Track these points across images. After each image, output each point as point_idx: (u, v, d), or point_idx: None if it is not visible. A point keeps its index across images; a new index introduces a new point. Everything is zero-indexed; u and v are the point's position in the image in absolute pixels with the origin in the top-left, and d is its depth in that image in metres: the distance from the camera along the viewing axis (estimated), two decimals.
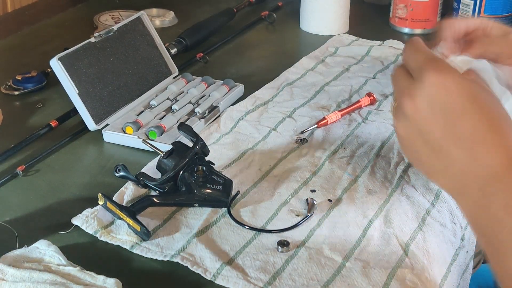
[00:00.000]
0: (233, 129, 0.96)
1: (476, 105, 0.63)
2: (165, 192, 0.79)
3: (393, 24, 1.33)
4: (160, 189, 0.79)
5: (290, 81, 1.09)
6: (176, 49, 1.17)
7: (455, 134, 0.64)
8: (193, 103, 1.00)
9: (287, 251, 0.73)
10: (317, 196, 0.81)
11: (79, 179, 0.86)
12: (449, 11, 1.31)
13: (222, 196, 0.79)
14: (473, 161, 0.63)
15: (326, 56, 1.19)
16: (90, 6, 1.42)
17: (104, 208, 0.76)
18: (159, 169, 0.81)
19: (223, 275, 0.69)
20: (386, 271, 0.70)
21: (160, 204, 0.78)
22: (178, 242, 0.74)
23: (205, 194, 0.78)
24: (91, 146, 0.93)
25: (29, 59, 1.17)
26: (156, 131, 0.91)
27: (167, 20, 1.34)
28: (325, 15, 1.29)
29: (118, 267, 0.71)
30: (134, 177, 0.79)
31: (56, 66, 0.93)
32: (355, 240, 0.75)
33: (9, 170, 0.87)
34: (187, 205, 0.79)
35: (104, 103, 0.96)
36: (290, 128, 0.96)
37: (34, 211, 0.80)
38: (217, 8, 1.35)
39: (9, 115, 0.99)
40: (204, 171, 0.79)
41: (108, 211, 0.75)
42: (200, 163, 0.79)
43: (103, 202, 0.75)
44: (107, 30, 1.01)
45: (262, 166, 0.88)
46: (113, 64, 1.00)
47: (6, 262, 0.67)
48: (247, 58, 1.21)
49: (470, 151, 0.63)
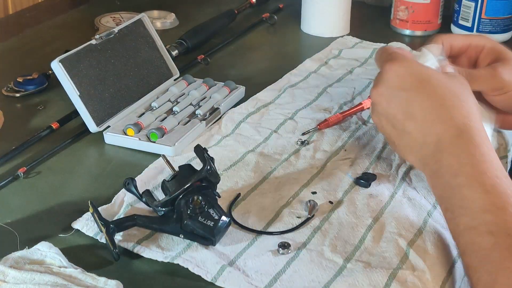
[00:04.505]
0: (234, 131, 0.96)
1: (427, 85, 0.74)
2: (157, 216, 0.76)
3: (394, 26, 1.33)
4: (157, 212, 0.76)
5: (293, 83, 1.09)
6: (177, 51, 1.17)
7: (411, 112, 0.74)
8: (194, 105, 1.00)
9: (288, 253, 0.73)
10: (318, 198, 0.81)
11: (80, 181, 0.86)
12: (450, 13, 1.31)
13: (210, 233, 0.72)
14: (426, 134, 0.73)
15: (329, 58, 1.19)
16: (91, 8, 1.42)
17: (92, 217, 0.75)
18: (163, 190, 0.79)
19: (224, 277, 0.69)
20: (387, 272, 0.70)
21: (144, 227, 0.75)
22: (179, 244, 0.74)
23: (193, 228, 0.73)
24: (92, 148, 0.93)
25: (30, 61, 1.17)
26: (157, 133, 0.91)
27: (168, 22, 1.34)
28: (326, 17, 1.29)
29: (119, 269, 0.71)
30: (139, 194, 0.77)
31: (57, 68, 0.93)
32: (356, 242, 0.75)
33: (10, 172, 0.87)
34: (172, 234, 0.74)
35: (105, 105, 0.96)
36: (291, 130, 0.96)
37: (35, 213, 0.80)
38: (218, 10, 1.35)
39: (10, 117, 0.99)
40: (201, 201, 0.74)
41: (94, 221, 0.75)
42: (201, 193, 0.74)
43: (92, 211, 0.74)
44: (108, 32, 1.01)
45: (263, 168, 0.88)
46: (114, 66, 1.00)
47: (7, 264, 0.67)
48: (248, 60, 1.21)
49: (423, 125, 0.73)
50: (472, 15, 1.25)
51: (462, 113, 0.73)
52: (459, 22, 1.28)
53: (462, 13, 1.27)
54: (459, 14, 1.27)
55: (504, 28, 1.26)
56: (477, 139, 0.71)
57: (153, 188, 0.83)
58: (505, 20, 1.25)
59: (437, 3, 1.29)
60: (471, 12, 1.25)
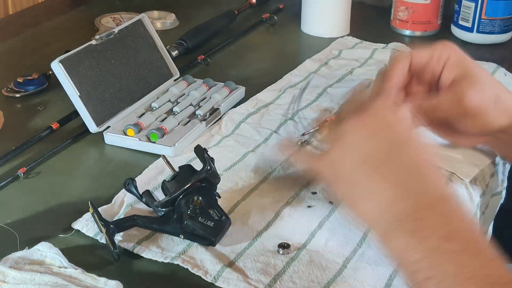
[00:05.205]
0: (234, 131, 0.96)
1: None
2: (157, 217, 0.75)
3: (394, 26, 1.33)
4: (157, 212, 0.76)
5: (293, 84, 1.09)
6: (177, 51, 1.17)
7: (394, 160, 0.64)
8: (194, 105, 1.00)
9: (288, 253, 0.73)
10: (319, 198, 0.81)
11: (80, 181, 0.86)
12: (450, 13, 1.31)
13: (210, 234, 0.73)
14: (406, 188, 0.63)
15: (329, 58, 1.19)
16: (91, 9, 1.42)
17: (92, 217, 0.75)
18: (163, 190, 0.79)
19: (224, 278, 0.69)
20: (387, 273, 0.70)
21: (144, 227, 0.75)
22: (178, 245, 0.74)
23: (193, 228, 0.73)
24: (92, 148, 0.93)
25: (30, 62, 1.17)
26: (157, 133, 0.91)
27: (168, 22, 1.34)
28: (326, 17, 1.29)
29: (119, 269, 0.71)
30: (139, 194, 0.77)
31: (57, 69, 0.93)
32: (356, 243, 0.75)
33: (10, 172, 0.87)
34: (172, 234, 0.74)
35: (105, 105, 0.96)
36: (291, 131, 0.96)
37: (35, 213, 0.80)
38: (219, 10, 1.35)
39: (11, 117, 0.99)
40: (201, 202, 0.74)
41: (94, 221, 0.75)
42: (201, 194, 0.74)
43: (92, 212, 0.74)
44: (108, 33, 1.01)
45: (263, 168, 0.88)
46: (114, 66, 1.00)
47: (8, 264, 0.67)
48: (248, 60, 1.21)
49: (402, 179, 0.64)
50: (472, 15, 1.25)
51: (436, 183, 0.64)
52: (459, 23, 1.28)
53: (462, 14, 1.27)
54: (459, 15, 1.27)
55: (504, 29, 1.26)
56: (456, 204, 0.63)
57: (153, 188, 0.83)
58: (505, 20, 1.25)
59: (437, 4, 1.29)
60: (471, 13, 1.25)
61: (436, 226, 0.60)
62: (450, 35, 1.30)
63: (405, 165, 0.64)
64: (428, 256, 0.58)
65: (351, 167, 0.65)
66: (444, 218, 0.60)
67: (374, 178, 0.64)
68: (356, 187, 0.65)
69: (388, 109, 0.67)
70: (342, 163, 0.66)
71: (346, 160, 0.66)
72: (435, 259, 0.58)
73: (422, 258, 0.59)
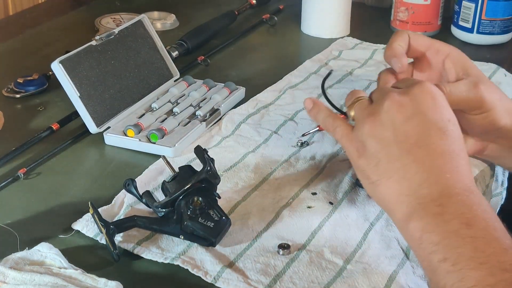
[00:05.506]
0: (234, 132, 0.96)
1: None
2: (157, 217, 0.75)
3: (394, 27, 1.33)
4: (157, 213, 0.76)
5: (293, 84, 1.09)
6: (177, 52, 1.17)
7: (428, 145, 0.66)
8: (194, 106, 1.00)
9: (288, 254, 0.73)
10: (318, 199, 0.82)
11: (80, 181, 0.86)
12: (450, 14, 1.31)
13: (210, 234, 0.73)
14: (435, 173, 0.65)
15: (329, 59, 1.19)
16: (92, 9, 1.42)
17: (92, 217, 0.75)
18: (163, 191, 0.79)
19: (224, 278, 0.69)
20: (387, 274, 0.70)
21: (144, 228, 0.75)
22: (178, 245, 0.74)
23: (193, 228, 0.73)
24: (93, 149, 0.93)
25: (30, 62, 1.17)
26: (157, 134, 0.91)
27: (168, 23, 1.34)
28: (326, 18, 1.29)
29: (119, 270, 0.71)
30: (139, 195, 0.78)
31: (57, 69, 0.93)
32: (356, 243, 0.75)
33: (10, 173, 0.87)
34: (172, 234, 0.74)
35: (105, 106, 0.96)
36: (291, 131, 0.96)
37: (36, 213, 0.80)
38: (219, 10, 1.35)
39: (11, 118, 0.99)
40: (201, 202, 0.74)
41: (94, 222, 0.75)
42: (201, 194, 0.74)
43: (92, 212, 0.74)
44: (108, 33, 1.01)
45: (263, 169, 0.88)
46: (114, 67, 1.00)
47: (8, 264, 0.67)
48: (248, 61, 1.21)
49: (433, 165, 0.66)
50: (472, 16, 1.25)
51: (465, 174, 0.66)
52: (459, 23, 1.28)
53: (462, 14, 1.27)
54: (459, 15, 1.27)
55: (504, 29, 1.26)
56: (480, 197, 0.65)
57: (153, 189, 0.83)
58: (505, 21, 1.25)
59: (437, 4, 1.29)
60: (471, 13, 1.25)
61: (458, 213, 0.62)
62: (450, 35, 1.30)
63: (439, 152, 0.66)
64: (447, 238, 0.61)
65: (384, 145, 0.67)
66: (467, 207, 0.63)
67: (408, 160, 0.66)
68: (385, 164, 0.67)
69: (428, 93, 0.68)
70: (374, 139, 0.68)
71: (379, 137, 0.67)
72: (453, 241, 0.61)
73: (441, 240, 0.61)
